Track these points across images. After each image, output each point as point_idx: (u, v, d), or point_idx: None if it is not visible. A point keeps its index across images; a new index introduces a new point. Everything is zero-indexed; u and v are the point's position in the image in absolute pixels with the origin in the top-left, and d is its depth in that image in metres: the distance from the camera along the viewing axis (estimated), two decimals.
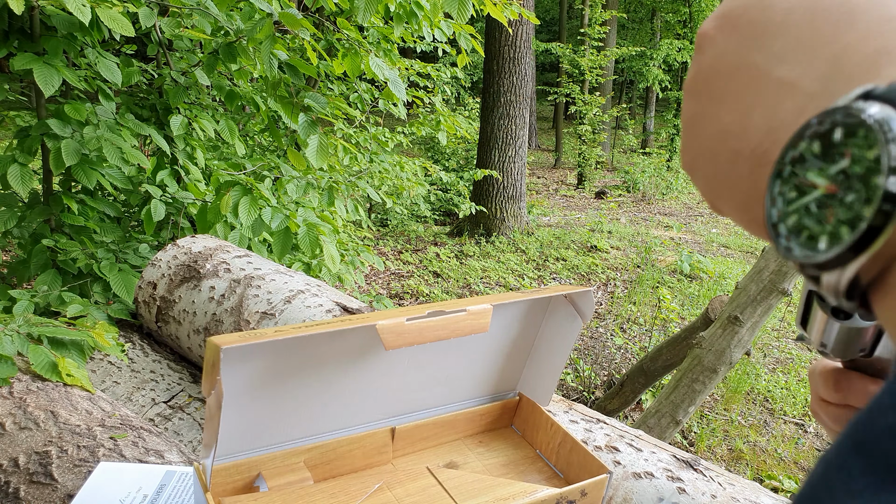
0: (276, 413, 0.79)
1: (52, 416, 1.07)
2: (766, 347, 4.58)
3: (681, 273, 6.00)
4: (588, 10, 10.78)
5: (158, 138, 2.07)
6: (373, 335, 0.78)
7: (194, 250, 1.65)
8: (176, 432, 1.36)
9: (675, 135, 12.10)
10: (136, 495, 0.88)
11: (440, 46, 3.32)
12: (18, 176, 1.78)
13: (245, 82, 2.58)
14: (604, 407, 3.34)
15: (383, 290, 5.19)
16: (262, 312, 1.40)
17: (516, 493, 0.82)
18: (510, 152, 6.85)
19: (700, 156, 0.31)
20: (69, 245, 1.91)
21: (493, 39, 6.66)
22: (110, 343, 1.41)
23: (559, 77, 13.16)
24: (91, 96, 2.18)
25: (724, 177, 0.30)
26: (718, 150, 0.30)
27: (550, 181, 12.22)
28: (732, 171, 0.29)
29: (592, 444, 1.04)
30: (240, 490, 0.80)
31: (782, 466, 3.15)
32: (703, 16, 12.24)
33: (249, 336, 0.67)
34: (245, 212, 1.84)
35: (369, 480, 0.86)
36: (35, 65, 1.67)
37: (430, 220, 7.90)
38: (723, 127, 0.29)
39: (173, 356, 1.65)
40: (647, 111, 14.94)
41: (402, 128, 4.82)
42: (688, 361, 2.60)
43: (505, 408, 1.02)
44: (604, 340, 4.52)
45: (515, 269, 5.91)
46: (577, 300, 0.89)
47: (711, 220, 9.09)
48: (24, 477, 0.95)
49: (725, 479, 0.96)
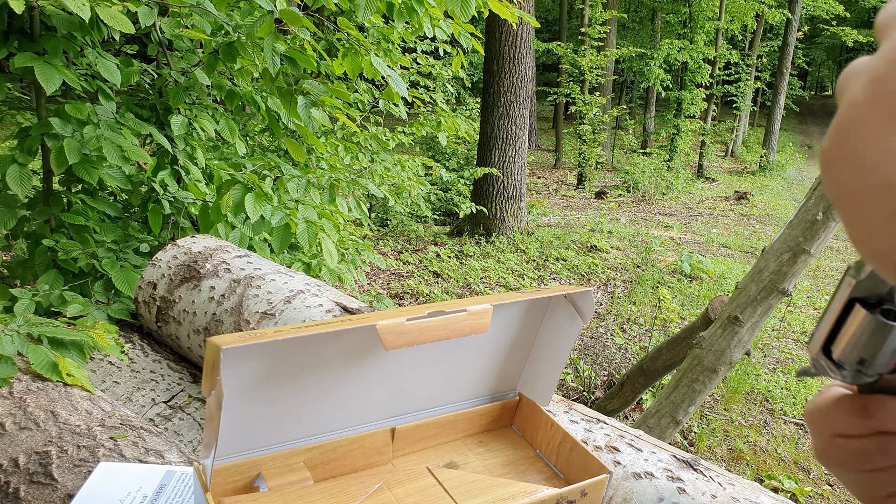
0: (276, 413, 0.79)
1: (52, 416, 1.07)
2: (766, 347, 4.58)
3: (681, 273, 6.00)
4: (588, 10, 10.77)
5: (159, 137, 2.07)
6: (373, 335, 0.78)
7: (194, 250, 1.65)
8: (176, 432, 1.36)
9: (675, 135, 12.10)
10: (136, 495, 0.88)
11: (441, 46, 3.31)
12: (17, 176, 1.78)
13: (245, 82, 2.58)
14: (604, 407, 3.34)
15: (383, 290, 5.19)
16: (262, 312, 1.40)
17: (516, 493, 0.82)
18: (510, 152, 6.85)
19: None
20: (69, 245, 1.91)
21: (493, 39, 6.66)
22: (110, 343, 1.41)
23: (559, 77, 13.16)
24: (91, 96, 2.18)
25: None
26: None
27: (550, 181, 12.22)
28: None
29: (592, 444, 1.04)
30: (240, 490, 0.80)
31: (782, 466, 3.15)
32: (702, 16, 12.23)
33: (249, 336, 0.67)
34: (252, 208, 1.84)
35: (369, 480, 0.86)
36: (36, 64, 1.68)
37: (431, 220, 7.90)
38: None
39: (173, 356, 1.65)
40: (647, 111, 14.93)
41: (403, 127, 4.82)
42: (688, 361, 2.60)
43: (505, 408, 1.02)
44: (604, 340, 4.52)
45: (515, 269, 5.91)
46: (577, 300, 0.89)
47: (711, 220, 9.10)
48: (24, 477, 0.95)
49: (725, 479, 0.96)
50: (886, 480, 0.42)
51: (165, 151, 2.17)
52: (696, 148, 13.94)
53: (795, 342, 4.74)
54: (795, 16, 14.09)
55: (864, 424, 0.41)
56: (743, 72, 14.45)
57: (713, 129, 13.98)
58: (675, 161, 11.95)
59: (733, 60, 13.54)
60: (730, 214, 9.60)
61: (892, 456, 0.41)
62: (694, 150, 13.91)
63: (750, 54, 15.14)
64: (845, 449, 0.42)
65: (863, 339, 0.39)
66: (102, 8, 1.66)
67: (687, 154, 12.93)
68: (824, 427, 0.44)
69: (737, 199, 10.79)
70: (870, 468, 0.42)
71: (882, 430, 0.41)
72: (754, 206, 10.34)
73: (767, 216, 9.58)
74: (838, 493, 2.95)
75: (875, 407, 0.41)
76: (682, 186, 11.64)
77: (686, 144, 12.45)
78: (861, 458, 0.42)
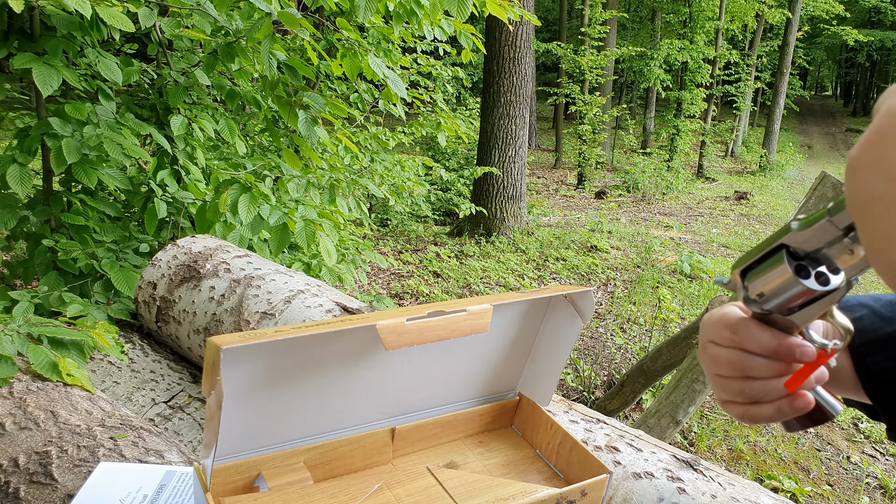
0: (276, 413, 0.79)
1: (52, 416, 1.07)
2: None
3: (681, 273, 6.00)
4: (588, 10, 10.77)
5: (159, 137, 2.07)
6: (373, 335, 0.78)
7: (194, 250, 1.65)
8: (176, 432, 1.36)
9: (675, 135, 12.10)
10: (136, 495, 0.88)
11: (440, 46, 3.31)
12: (17, 176, 1.78)
13: (245, 82, 2.58)
14: (604, 407, 3.34)
15: (383, 290, 5.19)
16: (262, 312, 1.40)
17: (516, 493, 0.82)
18: (510, 152, 6.85)
19: None
20: (69, 245, 1.91)
21: (493, 39, 6.66)
22: (110, 343, 1.41)
23: (559, 77, 13.16)
24: (91, 96, 2.18)
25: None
26: None
27: (550, 181, 12.22)
28: None
29: (592, 444, 1.04)
30: (240, 490, 0.80)
31: (782, 466, 3.15)
32: (702, 16, 12.24)
33: (249, 336, 0.67)
34: (245, 209, 1.84)
35: (369, 480, 0.86)
36: (34, 65, 1.67)
37: (431, 220, 7.90)
38: None
39: (173, 356, 1.65)
40: (647, 111, 14.93)
41: (403, 127, 4.82)
42: (688, 361, 2.60)
43: (505, 408, 1.02)
44: (604, 340, 4.52)
45: (515, 269, 5.91)
46: (577, 300, 0.89)
47: (711, 220, 9.10)
48: (24, 477, 0.95)
49: (725, 479, 0.96)
50: (728, 387, 0.53)
51: (165, 151, 2.17)
52: (696, 148, 13.94)
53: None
54: (795, 15, 14.09)
55: (729, 338, 0.51)
56: (743, 72, 14.45)
57: (713, 129, 13.98)
58: (675, 161, 11.95)
59: (733, 60, 13.54)
60: (730, 214, 9.60)
61: (736, 368, 0.51)
62: (694, 150, 13.91)
63: (750, 54, 15.14)
64: (713, 354, 0.53)
65: (772, 281, 0.46)
66: (103, 7, 1.66)
67: (687, 154, 12.93)
68: (705, 332, 0.54)
69: (737, 199, 10.79)
70: (721, 374, 0.53)
71: (740, 347, 0.51)
72: (754, 206, 10.34)
73: (767, 216, 9.58)
74: (838, 494, 2.95)
75: (744, 329, 0.50)
76: (682, 186, 11.64)
77: (686, 144, 12.46)
78: (717, 363, 0.53)
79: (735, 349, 0.51)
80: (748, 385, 0.51)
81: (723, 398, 0.54)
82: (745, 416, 0.53)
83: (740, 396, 0.52)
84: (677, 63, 12.52)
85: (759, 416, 0.52)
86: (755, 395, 0.51)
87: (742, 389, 0.51)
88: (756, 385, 0.51)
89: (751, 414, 0.52)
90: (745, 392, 0.51)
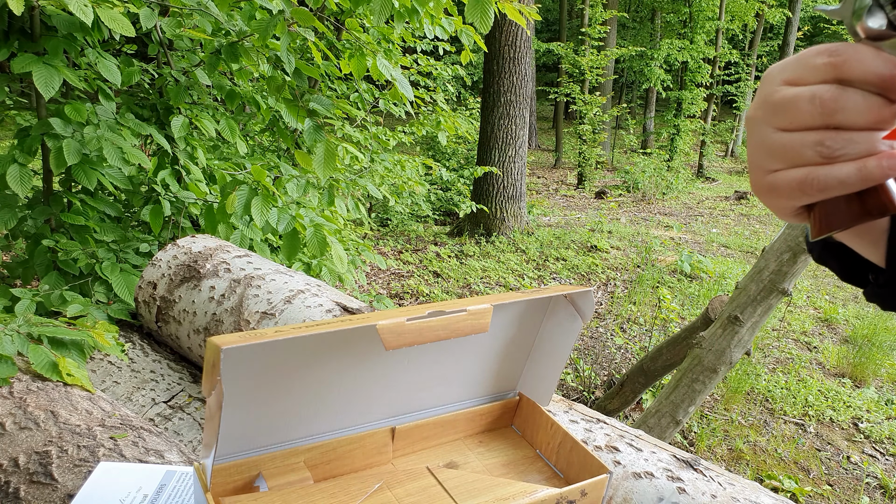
0: (276, 413, 0.79)
1: (52, 416, 1.07)
2: (767, 347, 4.58)
3: (681, 273, 6.00)
4: (588, 9, 10.77)
5: (160, 137, 2.07)
6: (373, 335, 0.78)
7: (194, 250, 1.65)
8: (176, 432, 1.36)
9: (675, 135, 12.10)
10: (136, 495, 0.88)
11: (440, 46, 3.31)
12: (18, 176, 1.78)
13: (245, 82, 2.58)
14: (604, 407, 3.34)
15: (383, 290, 5.19)
16: (262, 312, 1.40)
17: (516, 493, 0.82)
18: (510, 152, 6.85)
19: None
20: (69, 245, 1.91)
21: (493, 39, 6.66)
22: (110, 343, 1.41)
23: (559, 77, 13.16)
24: (91, 96, 2.18)
25: None
26: None
27: (550, 181, 12.22)
28: None
29: (592, 444, 1.04)
30: (240, 490, 0.80)
31: (782, 466, 3.15)
32: (703, 15, 12.24)
33: (249, 336, 0.67)
34: (258, 212, 1.84)
35: (369, 480, 0.86)
36: (35, 66, 1.67)
37: (431, 219, 7.90)
38: None
39: (173, 356, 1.65)
40: (647, 111, 14.93)
41: (403, 127, 4.82)
42: (688, 361, 2.60)
43: (505, 408, 1.02)
44: (604, 340, 4.52)
45: (515, 269, 5.91)
46: (577, 300, 0.89)
47: (711, 220, 9.10)
48: (24, 477, 0.95)
49: (725, 479, 0.96)
50: (794, 143, 0.41)
51: (166, 151, 2.17)
52: (696, 148, 13.94)
53: (795, 342, 4.74)
54: (795, 15, 14.09)
55: (825, 65, 0.40)
56: (743, 71, 14.45)
57: (713, 128, 13.98)
58: (675, 161, 11.95)
59: (733, 60, 13.54)
60: (730, 214, 9.60)
61: (822, 109, 0.40)
62: (694, 150, 13.91)
63: (750, 54, 15.14)
64: (785, 97, 0.42)
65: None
66: (104, 9, 1.66)
67: (687, 154, 12.93)
68: (775, 75, 0.43)
69: (737, 199, 10.79)
70: (790, 124, 0.42)
71: (839, 77, 0.40)
72: (754, 205, 10.34)
73: (767, 216, 9.58)
74: (838, 493, 2.95)
75: (852, 49, 0.40)
76: (682, 186, 11.64)
77: (686, 144, 12.46)
78: (788, 109, 0.41)
79: (827, 84, 0.40)
80: (829, 135, 0.40)
81: (772, 166, 0.43)
82: (805, 183, 0.41)
83: (812, 150, 0.41)
84: (677, 63, 12.53)
85: (828, 179, 0.40)
86: (837, 146, 0.40)
87: (821, 140, 0.40)
88: (842, 134, 0.40)
89: (817, 177, 0.41)
90: (826, 143, 0.40)
